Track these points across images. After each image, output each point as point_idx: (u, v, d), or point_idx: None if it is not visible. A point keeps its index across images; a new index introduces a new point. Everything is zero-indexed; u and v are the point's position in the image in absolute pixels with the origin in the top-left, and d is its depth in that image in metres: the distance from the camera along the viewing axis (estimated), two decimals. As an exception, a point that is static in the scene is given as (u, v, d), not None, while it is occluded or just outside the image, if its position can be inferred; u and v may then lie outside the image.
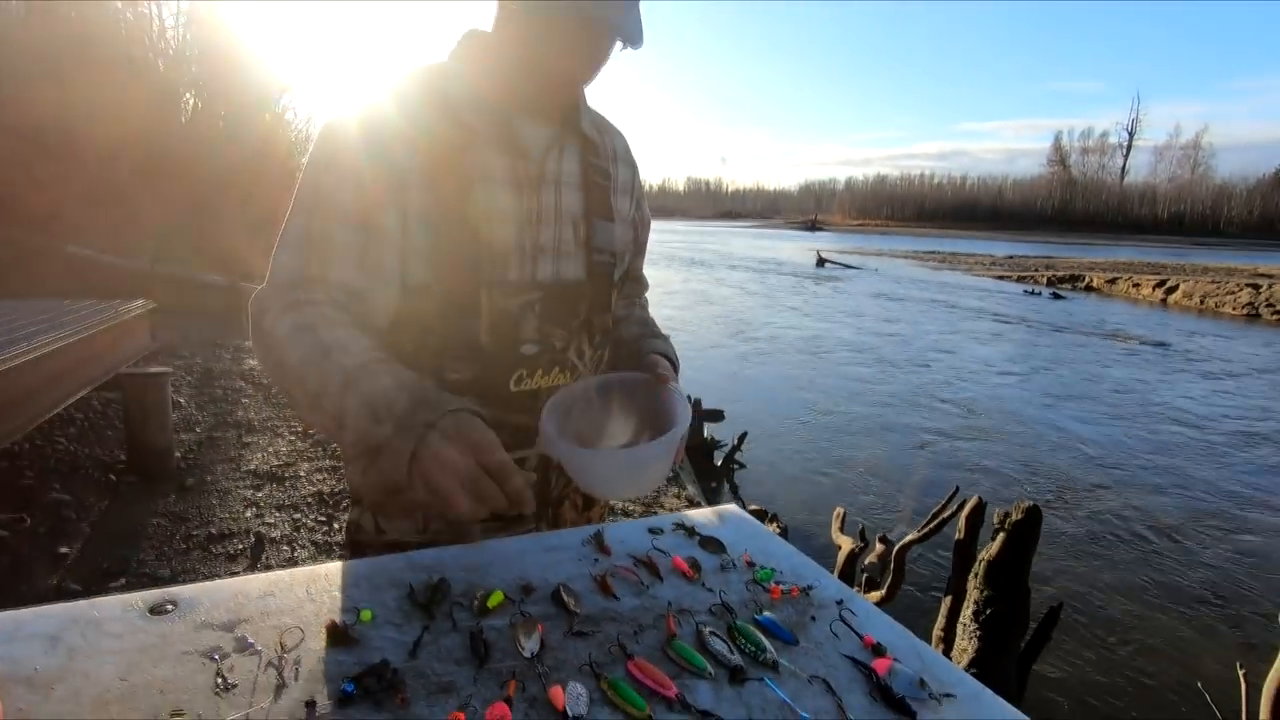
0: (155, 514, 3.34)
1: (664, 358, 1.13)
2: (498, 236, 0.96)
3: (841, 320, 15.68)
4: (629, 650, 0.72)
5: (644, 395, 1.06)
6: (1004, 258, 41.16)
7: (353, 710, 0.61)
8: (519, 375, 1.00)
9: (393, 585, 0.80)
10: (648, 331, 1.21)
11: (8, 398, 2.59)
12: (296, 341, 0.86)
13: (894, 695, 0.68)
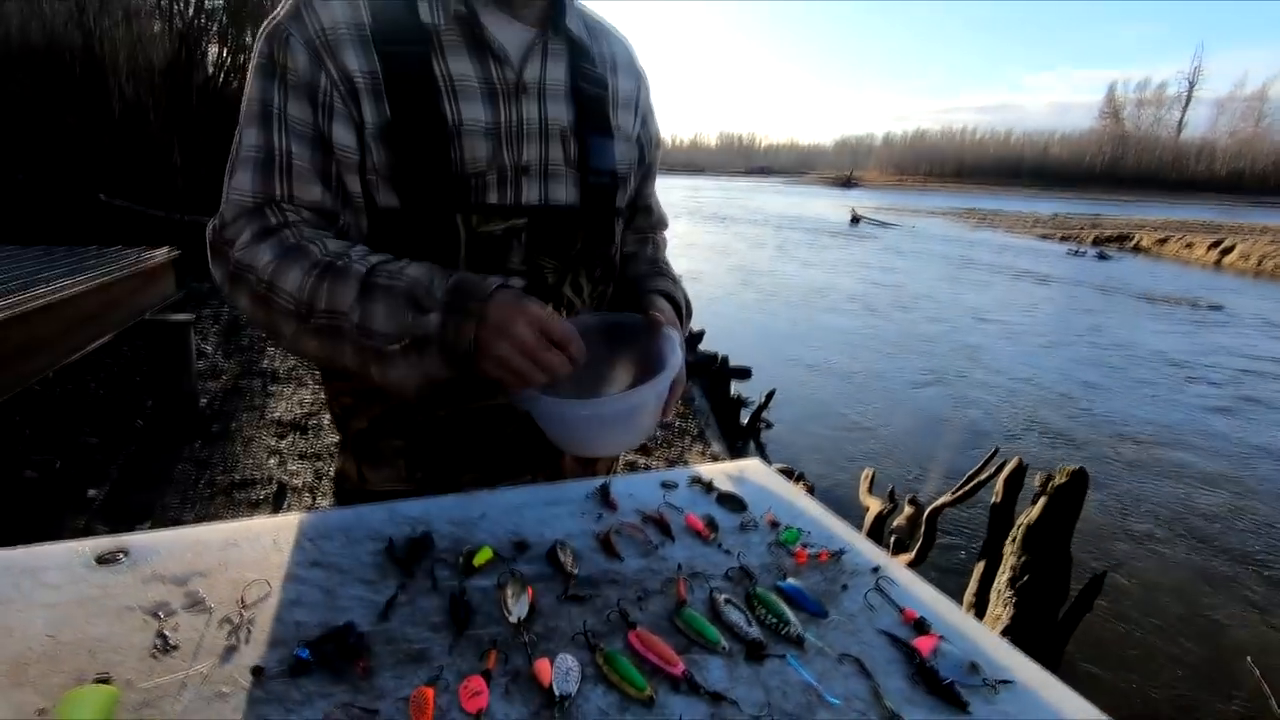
0: (181, 460, 3.37)
1: (667, 299, 1.01)
2: (471, 153, 0.84)
3: (873, 279, 15.26)
4: (631, 619, 0.62)
5: (638, 340, 0.94)
6: (1048, 216, 39.61)
7: (306, 680, 0.53)
8: None
9: (370, 538, 0.72)
10: (655, 270, 1.08)
11: (29, 340, 2.58)
12: (285, 266, 0.77)
13: (939, 680, 0.58)
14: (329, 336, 0.76)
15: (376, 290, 0.74)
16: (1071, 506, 2.25)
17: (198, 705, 0.49)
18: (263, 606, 0.60)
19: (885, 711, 0.55)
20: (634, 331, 0.94)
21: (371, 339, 0.74)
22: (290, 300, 0.76)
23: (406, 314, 0.73)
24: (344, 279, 0.75)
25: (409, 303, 0.73)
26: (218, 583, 0.63)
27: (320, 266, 0.76)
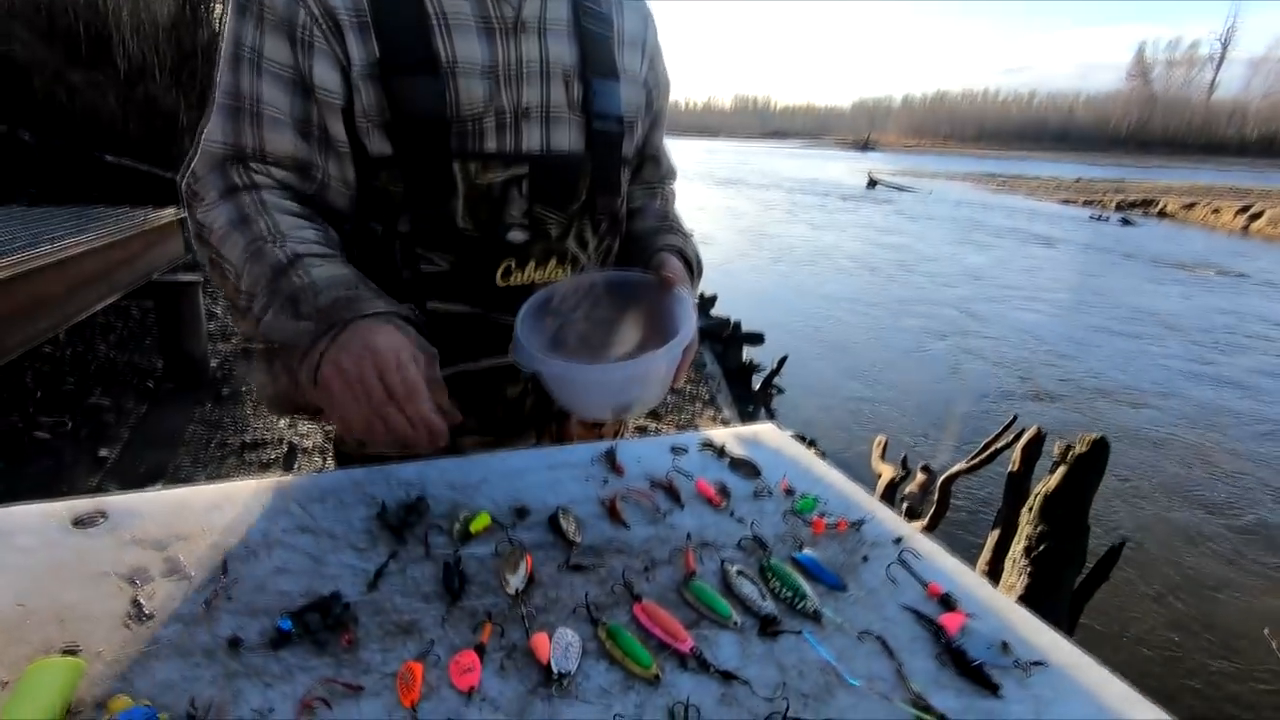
0: (192, 421, 3.38)
1: (678, 256, 0.95)
2: (468, 95, 0.78)
3: (887, 243, 15.00)
4: (636, 591, 0.58)
5: (647, 299, 0.89)
6: (1071, 181, 38.65)
7: (286, 653, 0.49)
8: (506, 266, 0.84)
9: (363, 502, 0.68)
10: (665, 225, 1.02)
11: (35, 298, 2.56)
12: (232, 237, 0.74)
13: (968, 660, 0.54)
14: (245, 320, 0.73)
15: (282, 284, 0.70)
16: (1091, 476, 2.20)
17: (170, 679, 0.46)
18: (245, 574, 0.56)
19: (910, 694, 0.51)
20: (643, 290, 0.89)
21: (266, 333, 0.71)
22: (233, 273, 0.73)
23: (284, 315, 0.69)
24: (263, 262, 0.71)
25: (290, 305, 0.69)
26: (199, 548, 0.59)
27: (254, 243, 0.73)
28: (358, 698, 0.46)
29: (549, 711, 0.46)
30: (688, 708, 0.47)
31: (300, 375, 0.67)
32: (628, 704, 0.48)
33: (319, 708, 0.45)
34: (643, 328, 0.94)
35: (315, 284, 0.70)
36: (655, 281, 0.87)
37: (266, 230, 0.73)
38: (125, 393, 3.53)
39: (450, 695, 0.47)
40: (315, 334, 0.67)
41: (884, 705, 0.49)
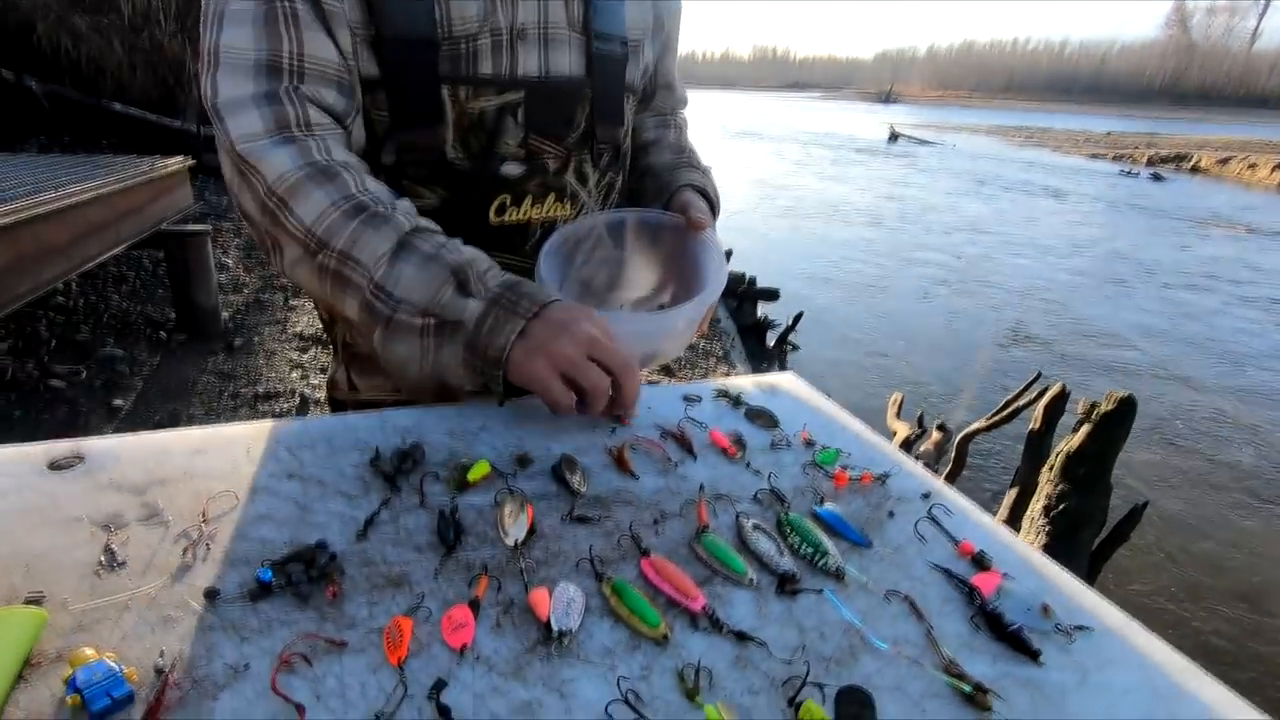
0: (205, 372, 3.39)
1: (700, 195, 0.88)
2: (460, 13, 0.71)
3: (906, 199, 14.63)
4: (644, 545, 0.54)
5: (670, 242, 0.83)
6: (1101, 134, 37.37)
7: (266, 605, 0.45)
8: (501, 202, 0.78)
9: (356, 448, 0.64)
10: (683, 161, 0.95)
11: (41, 246, 2.53)
12: (307, 189, 0.65)
13: (1005, 624, 0.49)
14: (334, 280, 0.67)
15: (415, 252, 0.65)
16: (1117, 434, 2.14)
17: (139, 631, 0.43)
18: (226, 521, 0.53)
19: (942, 659, 0.46)
20: (669, 233, 0.83)
21: (388, 302, 0.65)
22: (300, 228, 0.66)
23: (445, 289, 0.65)
24: (379, 227, 0.65)
25: (453, 279, 0.65)
26: (179, 493, 0.55)
27: (353, 203, 0.66)
28: (341, 654, 0.42)
29: (547, 671, 0.43)
30: (699, 670, 0.43)
31: (483, 349, 0.64)
32: (633, 665, 0.44)
33: (298, 664, 0.41)
34: (664, 270, 0.88)
35: (475, 261, 0.67)
36: (682, 225, 0.81)
37: (359, 188, 0.67)
38: (138, 343, 3.53)
39: (441, 653, 0.43)
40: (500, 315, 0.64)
41: (914, 671, 0.45)
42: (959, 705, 0.43)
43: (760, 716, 0.41)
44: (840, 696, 0.43)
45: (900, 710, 0.43)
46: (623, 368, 0.64)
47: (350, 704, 0.39)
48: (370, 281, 0.65)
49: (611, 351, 0.64)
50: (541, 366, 0.62)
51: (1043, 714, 0.43)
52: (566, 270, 0.82)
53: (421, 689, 0.40)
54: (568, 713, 0.40)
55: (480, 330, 0.64)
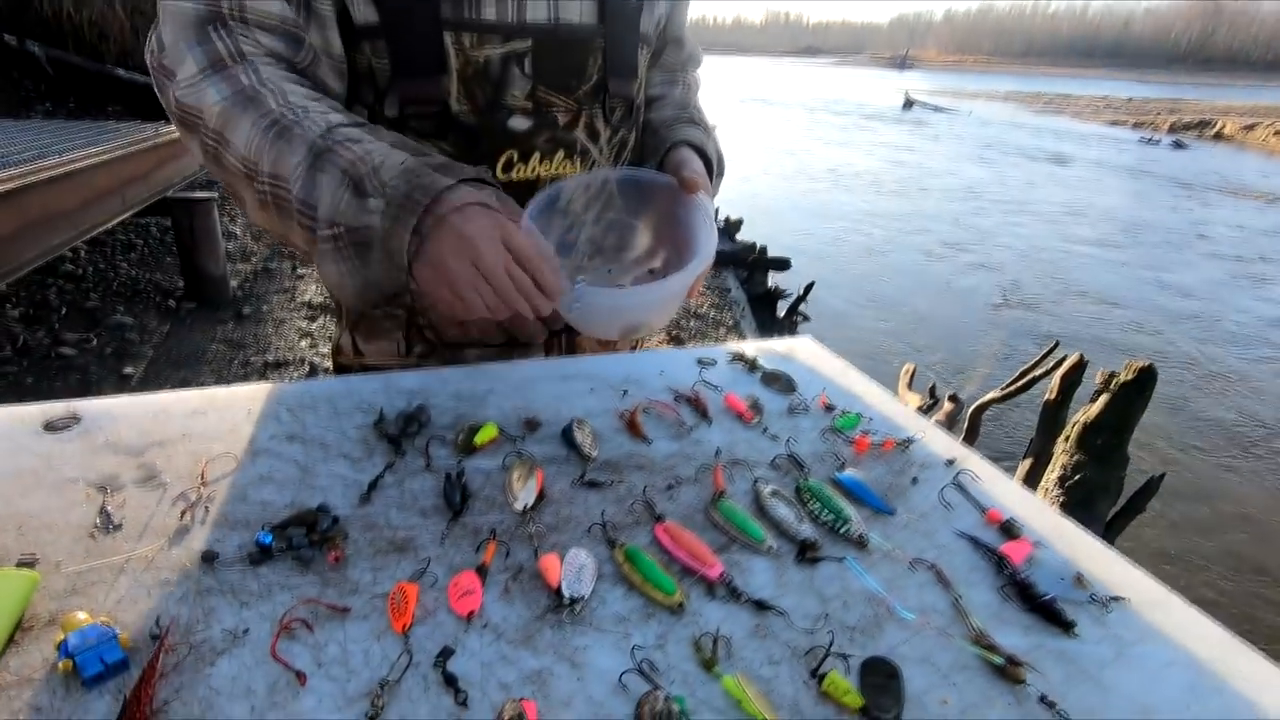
0: (214, 340, 3.39)
1: (697, 153, 0.84)
2: None
3: (923, 168, 14.36)
4: (658, 510, 0.52)
5: (665, 202, 0.79)
6: (1122, 101, 36.44)
7: (266, 569, 0.44)
8: (508, 158, 0.74)
9: (359, 410, 0.62)
10: (685, 116, 0.90)
11: (46, 211, 2.51)
12: (235, 117, 0.62)
13: (1036, 594, 0.47)
14: (275, 208, 0.63)
15: (326, 159, 0.60)
16: (1136, 404, 2.10)
17: (134, 595, 0.41)
18: (225, 484, 0.51)
19: (971, 630, 0.44)
20: (661, 193, 0.79)
21: (312, 218, 0.61)
22: (239, 160, 0.62)
23: (341, 193, 0.59)
24: (291, 139, 0.61)
25: (349, 182, 0.59)
26: (177, 455, 0.54)
27: (270, 120, 0.61)
28: (343, 620, 0.41)
29: (558, 639, 0.41)
30: (716, 639, 0.41)
31: (386, 266, 0.60)
32: (647, 634, 0.42)
33: (299, 630, 0.40)
34: (657, 232, 0.85)
35: (371, 156, 0.60)
36: (673, 185, 0.77)
37: (279, 103, 0.63)
38: (148, 311, 3.53)
39: (448, 620, 0.41)
40: (395, 214, 0.58)
41: (942, 642, 0.43)
42: (990, 678, 0.41)
43: (782, 688, 0.39)
44: (865, 668, 0.41)
45: (928, 682, 0.41)
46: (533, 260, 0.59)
47: (353, 672, 0.38)
48: (297, 200, 0.61)
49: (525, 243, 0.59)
50: (443, 289, 0.58)
51: (1078, 688, 0.41)
52: (550, 231, 0.79)
53: (427, 657, 0.39)
54: (579, 682, 0.38)
55: (389, 235, 0.59)
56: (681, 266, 0.67)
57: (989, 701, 0.40)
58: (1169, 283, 7.44)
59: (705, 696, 0.38)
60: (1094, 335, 5.91)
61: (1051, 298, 6.69)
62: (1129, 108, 31.99)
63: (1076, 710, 0.40)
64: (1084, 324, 6.17)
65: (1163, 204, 11.31)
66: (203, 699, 0.35)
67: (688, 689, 0.39)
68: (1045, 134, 20.82)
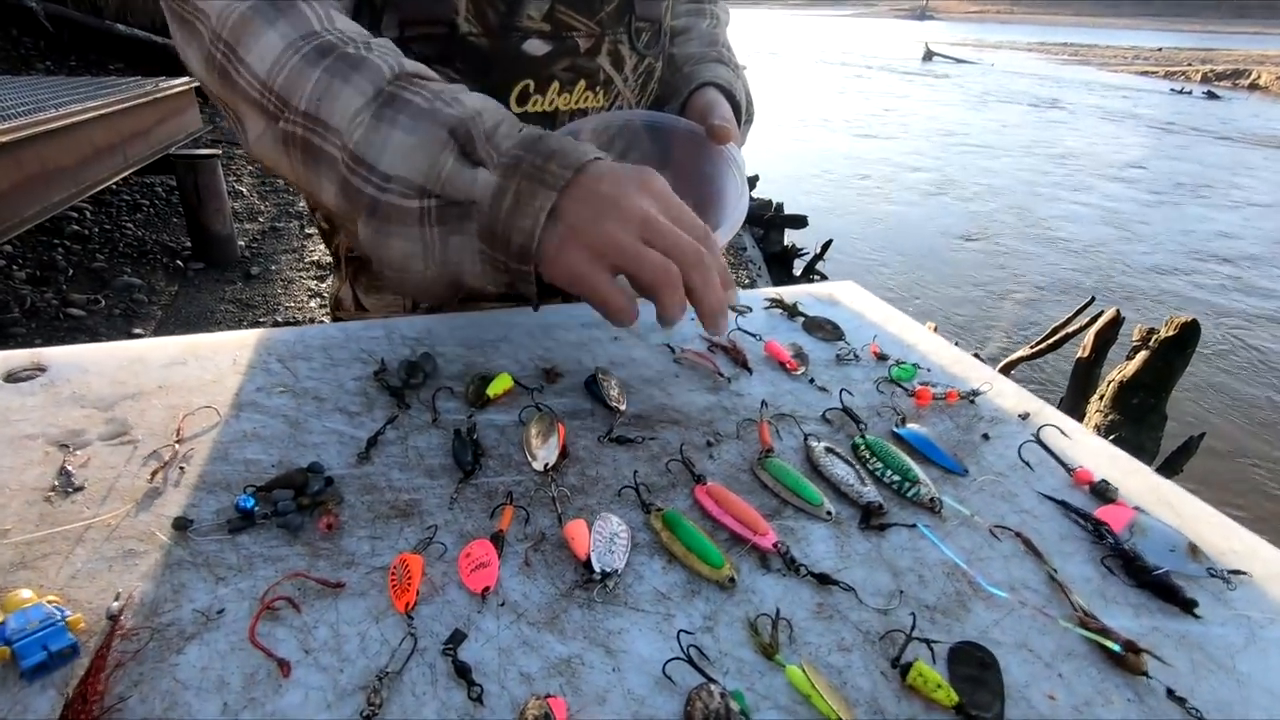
0: (223, 300, 3.34)
1: (725, 95, 0.74)
2: None
3: (945, 122, 13.92)
4: (698, 470, 0.45)
5: (689, 153, 0.70)
6: (1152, 50, 35.06)
7: (248, 539, 0.38)
8: (524, 88, 0.66)
9: (358, 359, 0.55)
10: (713, 54, 0.81)
11: (44, 168, 2.44)
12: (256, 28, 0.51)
13: (1146, 568, 0.40)
14: (304, 153, 0.51)
15: (404, 107, 0.49)
16: (1176, 362, 2.00)
17: (92, 568, 0.35)
18: (205, 441, 0.45)
19: (1076, 610, 0.37)
20: (687, 140, 0.70)
21: (369, 177, 0.49)
22: (255, 83, 0.51)
23: (444, 156, 0.48)
24: (350, 75, 0.49)
25: (451, 141, 0.48)
26: (152, 409, 0.47)
27: (315, 44, 0.50)
28: (336, 598, 0.35)
29: (588, 621, 0.35)
30: (776, 621, 0.35)
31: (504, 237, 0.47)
32: (693, 614, 0.36)
33: (284, 610, 0.34)
34: (679, 186, 0.76)
35: (481, 114, 0.50)
36: (700, 134, 0.68)
37: (324, 24, 0.52)
38: (155, 271, 3.48)
39: (458, 597, 0.35)
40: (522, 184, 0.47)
41: (1040, 624, 0.37)
42: (1103, 667, 0.35)
43: (856, 679, 0.33)
44: (954, 655, 0.34)
45: (1028, 672, 0.34)
46: (694, 254, 0.47)
47: (346, 659, 0.31)
48: (345, 151, 0.49)
49: (675, 233, 0.47)
50: (583, 259, 0.46)
51: (1208, 680, 0.34)
52: None
53: (434, 641, 0.33)
54: (615, 673, 0.32)
55: (498, 211, 0.47)
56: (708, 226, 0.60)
57: (1104, 696, 0.33)
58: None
59: (766, 690, 0.32)
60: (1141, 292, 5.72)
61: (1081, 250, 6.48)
62: (1159, 57, 30.81)
63: (1210, 706, 0.33)
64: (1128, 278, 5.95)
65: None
66: (166, 693, 0.29)
67: (745, 681, 0.32)
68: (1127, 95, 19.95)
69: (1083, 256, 6.74)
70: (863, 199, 8.42)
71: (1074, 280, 6.16)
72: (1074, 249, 6.90)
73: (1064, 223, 7.68)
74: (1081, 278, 6.22)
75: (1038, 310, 5.39)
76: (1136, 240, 7.18)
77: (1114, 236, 7.28)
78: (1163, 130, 13.93)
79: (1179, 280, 6.20)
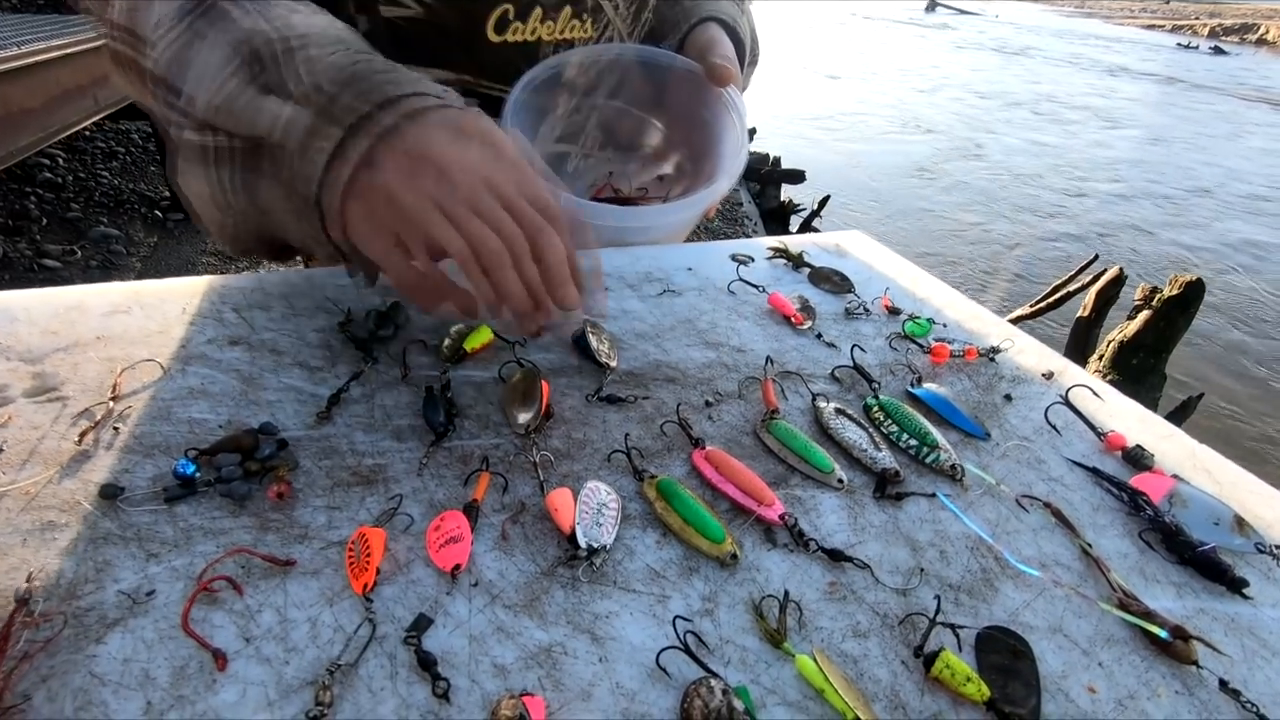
0: (205, 252, 3.25)
1: (728, 32, 0.67)
2: None
3: (947, 75, 13.59)
4: (696, 434, 0.41)
5: (685, 94, 0.64)
6: (1158, 4, 34.22)
7: (186, 509, 0.33)
8: (502, 15, 0.59)
9: (322, 308, 0.50)
10: None
11: (7, 109, 2.33)
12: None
13: (1189, 543, 0.36)
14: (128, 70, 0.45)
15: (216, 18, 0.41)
16: (1179, 321, 1.97)
17: (3, 541, 0.31)
18: (144, 398, 0.40)
19: (1114, 590, 0.34)
20: (679, 80, 0.64)
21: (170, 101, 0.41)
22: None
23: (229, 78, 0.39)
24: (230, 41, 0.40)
25: (237, 60, 0.40)
26: (87, 362, 0.42)
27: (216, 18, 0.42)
28: (284, 577, 0.30)
29: (572, 604, 0.31)
30: (785, 603, 0.31)
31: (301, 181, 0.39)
32: (691, 595, 0.32)
33: (224, 592, 0.29)
34: (672, 131, 0.70)
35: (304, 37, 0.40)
36: (698, 73, 0.62)
37: None
38: (133, 222, 3.37)
39: (425, 576, 0.31)
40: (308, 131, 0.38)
41: (1075, 605, 0.33)
42: (1146, 654, 0.31)
43: (874, 670, 0.29)
44: (982, 642, 0.31)
45: (1065, 661, 0.30)
46: (530, 230, 0.38)
47: (293, 649, 0.27)
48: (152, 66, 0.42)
49: (512, 201, 0.38)
50: (373, 223, 0.38)
51: (1263, 669, 0.31)
52: (550, 112, 0.64)
53: (396, 628, 0.29)
54: (603, 664, 0.28)
55: (297, 153, 0.38)
56: (697, 176, 0.54)
57: (1149, 688, 0.30)
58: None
59: (773, 683, 0.28)
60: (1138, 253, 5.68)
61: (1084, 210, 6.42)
62: (1167, 10, 30.09)
63: (1267, 699, 0.30)
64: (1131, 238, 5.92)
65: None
66: (79, 690, 0.25)
67: (749, 673, 0.29)
68: (1133, 49, 19.45)
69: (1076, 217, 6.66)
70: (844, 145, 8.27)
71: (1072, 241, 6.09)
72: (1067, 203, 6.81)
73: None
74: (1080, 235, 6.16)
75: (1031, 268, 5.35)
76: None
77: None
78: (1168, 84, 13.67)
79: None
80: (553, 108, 0.65)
